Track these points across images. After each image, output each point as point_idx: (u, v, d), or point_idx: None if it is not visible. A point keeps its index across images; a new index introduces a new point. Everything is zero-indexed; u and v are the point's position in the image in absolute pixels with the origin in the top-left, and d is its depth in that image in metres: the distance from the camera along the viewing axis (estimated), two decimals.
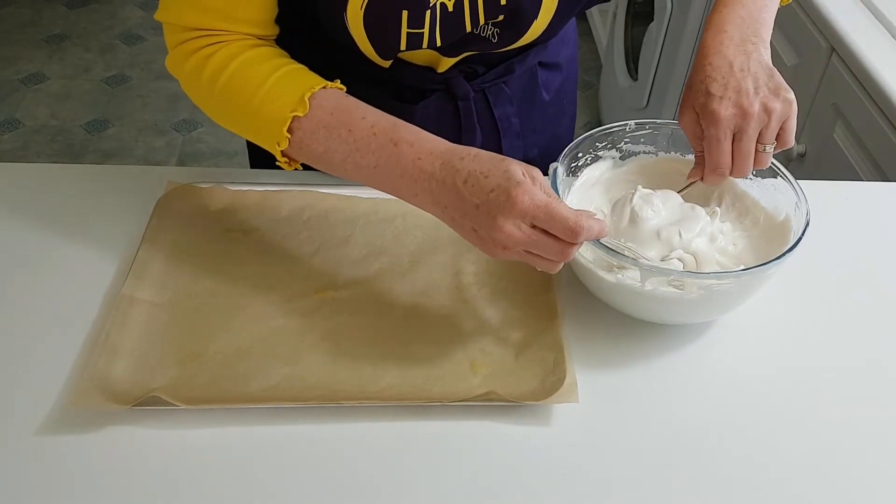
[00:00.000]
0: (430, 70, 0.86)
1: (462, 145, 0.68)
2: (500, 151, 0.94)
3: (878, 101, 1.20)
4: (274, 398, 0.69)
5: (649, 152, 0.87)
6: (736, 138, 0.74)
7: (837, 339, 0.78)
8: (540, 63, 0.94)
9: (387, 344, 0.74)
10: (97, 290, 0.78)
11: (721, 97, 0.73)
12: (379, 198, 0.88)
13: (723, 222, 0.81)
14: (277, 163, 0.74)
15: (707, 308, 0.75)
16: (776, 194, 0.81)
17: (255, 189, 0.89)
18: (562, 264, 0.67)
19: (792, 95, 0.74)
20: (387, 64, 0.82)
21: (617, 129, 0.84)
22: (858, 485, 0.67)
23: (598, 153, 0.85)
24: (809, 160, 1.42)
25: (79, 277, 0.79)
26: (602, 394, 0.72)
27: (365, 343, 0.74)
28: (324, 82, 0.72)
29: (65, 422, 0.67)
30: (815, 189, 0.85)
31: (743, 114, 0.72)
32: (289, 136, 0.71)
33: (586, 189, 0.85)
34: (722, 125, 0.73)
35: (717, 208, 0.81)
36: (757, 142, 0.74)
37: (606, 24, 2.66)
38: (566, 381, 0.69)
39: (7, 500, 0.62)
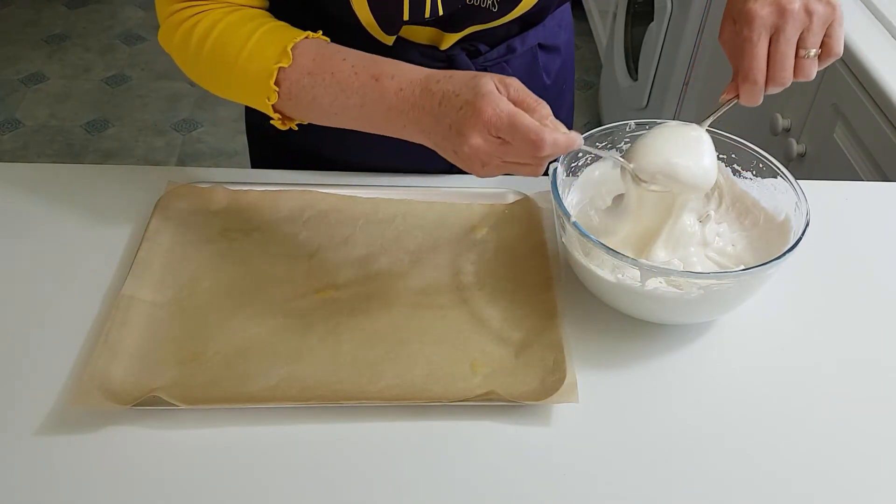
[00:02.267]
0: (433, 48, 0.87)
1: (441, 70, 0.69)
2: None
3: (878, 101, 1.20)
4: (274, 398, 0.69)
5: None
6: (773, 39, 0.70)
7: (837, 338, 0.78)
8: (540, 45, 0.95)
9: (387, 344, 0.74)
10: (97, 290, 0.78)
11: (761, 2, 0.69)
12: (379, 198, 0.88)
13: (719, 223, 0.81)
14: (272, 122, 0.75)
15: (707, 308, 0.75)
16: (776, 194, 0.81)
17: (255, 189, 0.89)
18: (543, 167, 0.67)
19: (838, 1, 0.69)
20: (390, 41, 0.82)
21: (617, 129, 0.84)
22: (859, 485, 0.67)
23: (599, 153, 0.85)
24: (809, 160, 1.42)
25: (79, 277, 0.79)
26: (602, 394, 0.72)
27: (365, 343, 0.74)
28: (305, 33, 0.73)
29: (65, 422, 0.67)
30: (815, 189, 0.85)
31: (780, 12, 0.68)
32: (277, 88, 0.71)
33: (586, 189, 0.85)
34: (756, 24, 0.69)
35: (712, 212, 0.81)
36: (798, 46, 0.70)
37: (606, 24, 2.66)
38: (566, 381, 0.69)
39: (7, 500, 0.62)
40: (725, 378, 0.74)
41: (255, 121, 1.06)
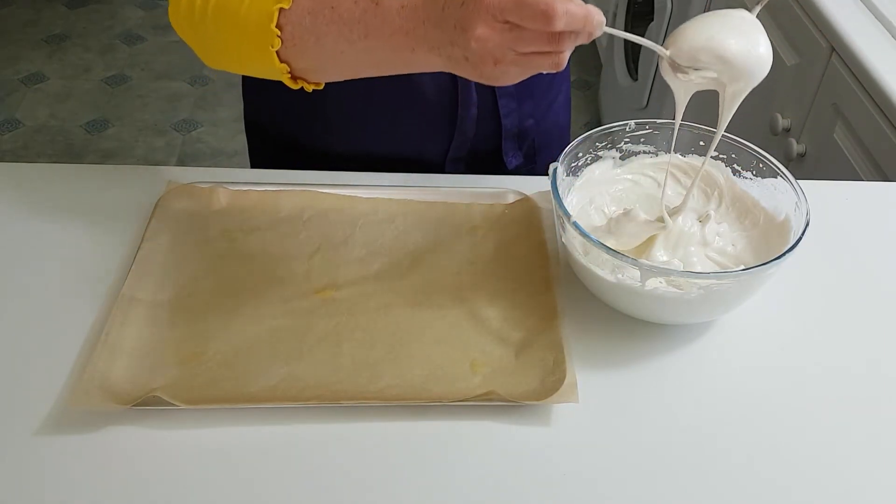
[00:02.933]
0: None
1: None
2: (496, 111, 0.95)
3: (878, 101, 1.20)
4: (274, 398, 0.69)
5: (649, 152, 0.87)
6: None
7: (838, 339, 0.78)
8: None
9: (386, 344, 0.74)
10: (97, 290, 0.78)
11: None
12: (379, 198, 0.88)
13: (719, 223, 0.81)
14: (282, 77, 0.71)
15: (707, 308, 0.75)
16: (776, 194, 0.81)
17: (255, 189, 0.89)
18: (567, 54, 0.60)
19: None
20: None
21: (617, 129, 0.84)
22: (859, 486, 0.67)
23: (598, 153, 0.85)
24: (809, 160, 1.42)
25: (79, 277, 0.79)
26: (602, 394, 0.72)
27: (365, 343, 0.74)
28: None
29: (65, 422, 0.67)
30: (815, 189, 0.85)
31: None
32: (279, 32, 0.68)
33: (586, 189, 0.85)
34: None
35: (712, 212, 0.81)
36: None
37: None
38: (566, 381, 0.69)
39: (7, 500, 0.62)
40: (725, 378, 0.74)
41: (253, 117, 1.06)
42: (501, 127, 0.97)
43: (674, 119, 0.75)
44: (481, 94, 0.94)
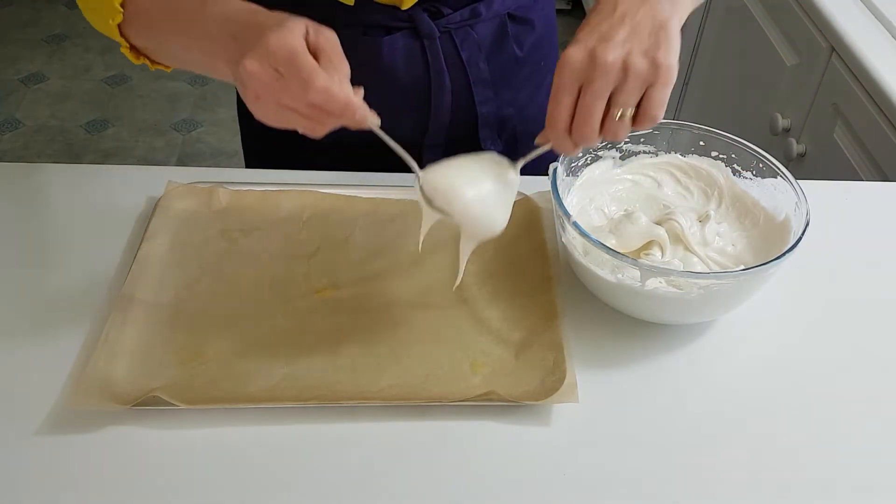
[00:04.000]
0: (394, 8, 0.87)
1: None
2: (471, 100, 0.96)
3: (878, 101, 1.20)
4: (274, 398, 0.69)
5: (649, 152, 0.87)
6: (581, 90, 0.62)
7: (838, 338, 0.78)
8: (509, 15, 0.94)
9: (387, 344, 0.74)
10: (97, 290, 0.78)
11: (581, 41, 0.61)
12: (379, 198, 0.88)
13: (719, 223, 0.82)
14: (122, 50, 0.74)
15: (707, 308, 0.75)
16: (776, 194, 0.81)
17: (255, 189, 0.89)
18: (321, 127, 0.62)
19: (670, 62, 0.61)
20: (351, 1, 0.83)
21: None
22: (860, 484, 0.67)
23: (598, 153, 0.85)
24: (809, 160, 1.42)
25: (79, 277, 0.79)
26: (602, 394, 0.72)
27: (365, 343, 0.74)
28: None
29: (65, 422, 0.67)
30: (815, 189, 0.85)
31: (593, 62, 0.60)
32: (122, 10, 0.71)
33: (586, 189, 0.85)
34: (565, 71, 0.61)
35: (712, 212, 0.81)
36: (610, 104, 0.62)
37: None
38: (566, 381, 0.69)
39: (7, 500, 0.62)
40: (725, 378, 0.74)
41: (245, 110, 1.06)
42: (478, 115, 0.97)
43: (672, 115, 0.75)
44: (455, 82, 0.94)
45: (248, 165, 1.09)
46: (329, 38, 0.62)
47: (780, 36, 1.55)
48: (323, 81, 0.59)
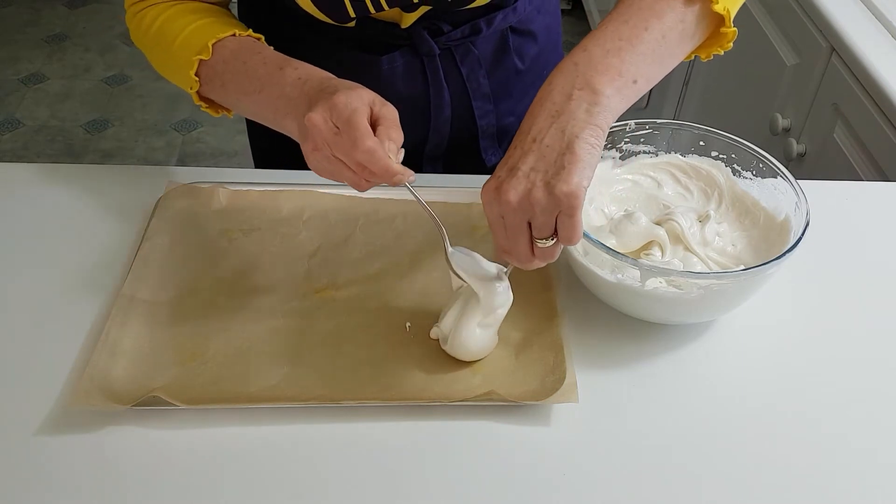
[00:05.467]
0: (394, 26, 0.88)
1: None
2: (470, 112, 0.96)
3: (878, 101, 1.20)
4: (274, 398, 0.69)
5: (649, 152, 0.87)
6: (504, 224, 0.64)
7: (838, 338, 0.78)
8: (511, 28, 0.94)
9: (387, 344, 0.74)
10: (97, 290, 0.78)
11: (495, 175, 0.64)
12: (379, 198, 0.88)
13: (719, 223, 0.81)
14: (203, 109, 0.81)
15: (707, 308, 0.75)
16: (776, 194, 0.81)
17: (255, 189, 0.89)
18: (366, 184, 0.67)
19: (571, 186, 0.60)
20: (351, 23, 0.85)
21: (617, 129, 0.84)
22: (860, 485, 0.67)
23: None
24: (809, 160, 1.42)
25: (79, 277, 0.79)
26: (602, 394, 0.72)
27: (365, 343, 0.74)
28: (233, 31, 0.77)
29: (65, 422, 0.67)
30: (815, 189, 0.85)
31: (500, 200, 0.62)
32: (197, 78, 0.77)
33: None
34: (485, 207, 0.64)
35: (712, 212, 0.81)
36: (533, 233, 0.64)
37: None
38: (566, 381, 0.69)
39: (7, 500, 0.62)
40: (725, 378, 0.74)
41: None
42: (478, 128, 0.97)
43: (666, 118, 0.76)
44: (455, 97, 0.94)
45: (257, 165, 1.10)
46: (391, 111, 0.68)
47: (780, 36, 1.55)
48: (371, 144, 0.63)
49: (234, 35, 0.77)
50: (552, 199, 0.60)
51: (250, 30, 0.79)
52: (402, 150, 0.69)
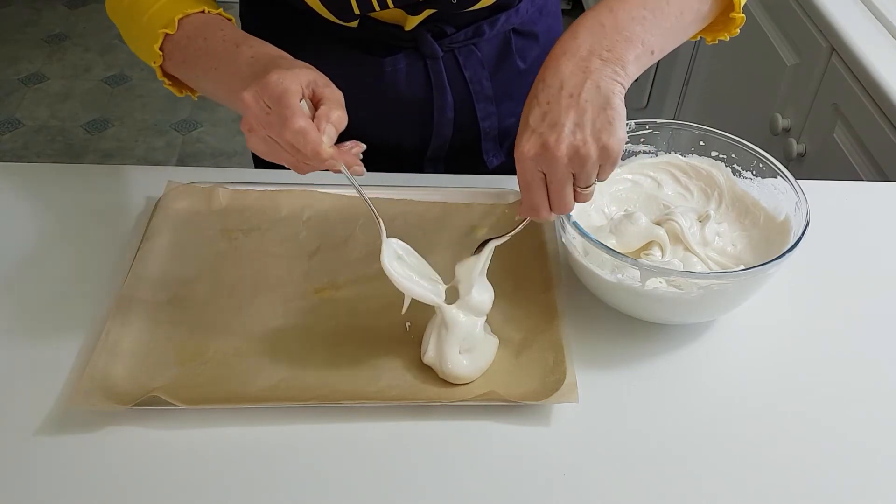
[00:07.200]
0: (397, 28, 0.88)
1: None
2: (473, 114, 0.96)
3: (878, 101, 1.20)
4: (274, 398, 0.69)
5: (649, 152, 0.87)
6: (547, 179, 0.66)
7: (838, 338, 0.78)
8: (514, 30, 0.95)
9: (387, 344, 0.74)
10: (97, 290, 0.78)
11: (533, 130, 0.64)
12: (379, 198, 0.88)
13: (719, 223, 0.81)
14: (166, 86, 0.80)
15: (707, 308, 0.75)
16: (776, 194, 0.81)
17: (255, 189, 0.89)
18: (303, 167, 0.66)
19: (616, 140, 0.63)
20: (354, 23, 0.85)
21: None
22: (861, 484, 0.67)
23: None
24: (809, 160, 1.42)
25: (79, 277, 0.79)
26: (602, 394, 0.72)
27: (365, 343, 0.74)
28: (202, 8, 0.77)
29: (65, 422, 0.67)
30: (815, 189, 0.85)
31: (548, 156, 0.63)
32: (161, 53, 0.76)
33: None
34: (525, 166, 0.65)
35: (712, 212, 0.81)
36: (575, 184, 0.66)
37: None
38: (566, 381, 0.69)
39: (7, 500, 0.62)
40: (725, 378, 0.74)
41: None
42: (480, 129, 0.97)
43: (666, 119, 0.77)
44: (458, 99, 0.94)
45: (257, 165, 1.10)
46: (335, 92, 0.67)
47: (780, 36, 1.55)
48: (302, 124, 0.62)
49: (202, 12, 0.76)
50: (603, 152, 0.64)
51: (220, 9, 0.78)
52: (362, 144, 0.70)
